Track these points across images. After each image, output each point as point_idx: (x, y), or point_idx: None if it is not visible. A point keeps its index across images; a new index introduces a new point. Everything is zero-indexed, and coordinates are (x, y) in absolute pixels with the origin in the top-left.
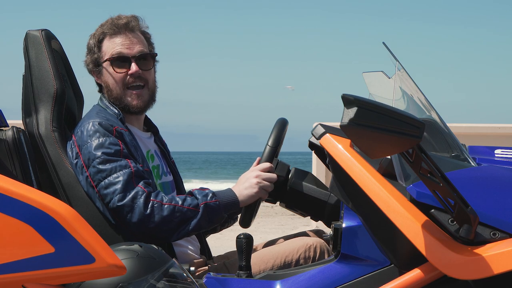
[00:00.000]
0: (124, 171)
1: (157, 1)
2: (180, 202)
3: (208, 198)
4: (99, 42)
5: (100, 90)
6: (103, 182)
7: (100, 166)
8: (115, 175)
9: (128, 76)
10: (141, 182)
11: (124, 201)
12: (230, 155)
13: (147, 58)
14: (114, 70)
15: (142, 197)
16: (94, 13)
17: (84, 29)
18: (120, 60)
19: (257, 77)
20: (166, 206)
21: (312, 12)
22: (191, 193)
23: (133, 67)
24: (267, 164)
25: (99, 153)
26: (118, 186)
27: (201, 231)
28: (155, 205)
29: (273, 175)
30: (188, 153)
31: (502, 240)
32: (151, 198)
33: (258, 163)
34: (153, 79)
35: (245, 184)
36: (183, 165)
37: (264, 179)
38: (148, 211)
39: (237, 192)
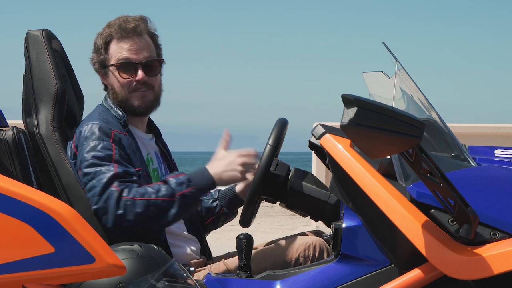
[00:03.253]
0: (107, 174)
1: (158, 1)
2: (153, 195)
3: (184, 187)
4: (106, 44)
5: (105, 89)
6: (88, 185)
7: (86, 170)
8: (98, 177)
9: (135, 82)
10: (116, 182)
11: (99, 203)
12: None
13: (154, 64)
14: (120, 76)
15: (114, 196)
16: (94, 13)
17: (84, 29)
18: (126, 66)
19: (257, 77)
20: (139, 201)
21: (312, 13)
22: (165, 181)
23: (140, 74)
24: (251, 150)
25: (89, 156)
26: (97, 189)
27: (180, 219)
28: (127, 202)
29: (255, 160)
30: (188, 153)
31: (502, 240)
32: (123, 196)
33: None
34: (158, 84)
35: (226, 167)
36: (183, 166)
37: (246, 163)
38: (121, 210)
39: (215, 174)
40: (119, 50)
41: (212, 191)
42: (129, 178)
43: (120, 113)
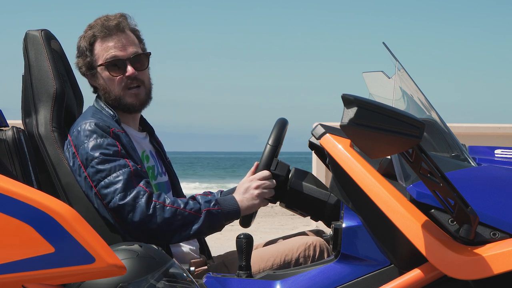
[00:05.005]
0: (123, 170)
1: (158, 1)
2: (182, 205)
3: (211, 205)
4: (91, 45)
5: (95, 91)
6: (103, 182)
7: (99, 166)
8: (114, 174)
9: (125, 79)
10: (142, 182)
11: (126, 200)
12: (230, 155)
13: (141, 58)
14: (111, 74)
15: (144, 197)
16: (94, 13)
17: (84, 30)
18: (115, 64)
19: (257, 77)
20: (168, 208)
21: (312, 13)
22: (194, 198)
23: (129, 69)
24: (266, 173)
25: (97, 154)
26: (119, 185)
27: (201, 236)
28: (157, 206)
29: (273, 183)
30: (188, 153)
31: (502, 240)
32: (153, 199)
33: (256, 167)
34: (148, 78)
35: (246, 195)
36: (182, 166)
37: (264, 188)
38: (150, 211)
39: (239, 201)
40: (105, 49)
41: (215, 192)
42: (147, 176)
43: (112, 112)
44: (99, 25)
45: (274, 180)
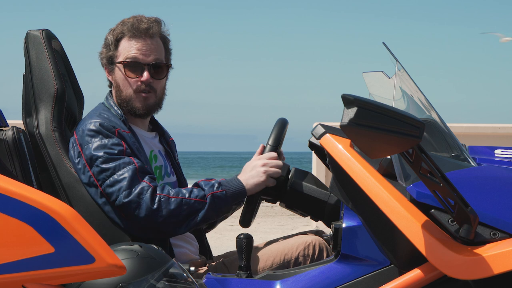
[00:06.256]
0: (128, 167)
1: (158, 1)
2: (187, 195)
3: (215, 188)
4: (117, 40)
5: (110, 86)
6: (108, 181)
7: (104, 165)
8: (119, 172)
9: (140, 83)
10: (146, 177)
11: (130, 197)
12: (230, 155)
13: (161, 67)
14: (126, 74)
15: (148, 192)
16: (94, 13)
17: (84, 29)
18: (133, 66)
19: (257, 77)
20: (173, 199)
21: (312, 12)
22: (197, 185)
23: (145, 75)
24: (272, 154)
25: (101, 153)
26: (124, 183)
27: (209, 221)
28: (162, 199)
29: (279, 162)
30: (188, 153)
31: (502, 240)
32: (158, 193)
33: (262, 150)
34: (162, 87)
35: (251, 173)
36: (183, 166)
37: (271, 167)
38: (155, 205)
39: (244, 180)
40: (128, 49)
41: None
42: (152, 172)
43: (120, 112)
44: (130, 23)
45: (281, 161)
